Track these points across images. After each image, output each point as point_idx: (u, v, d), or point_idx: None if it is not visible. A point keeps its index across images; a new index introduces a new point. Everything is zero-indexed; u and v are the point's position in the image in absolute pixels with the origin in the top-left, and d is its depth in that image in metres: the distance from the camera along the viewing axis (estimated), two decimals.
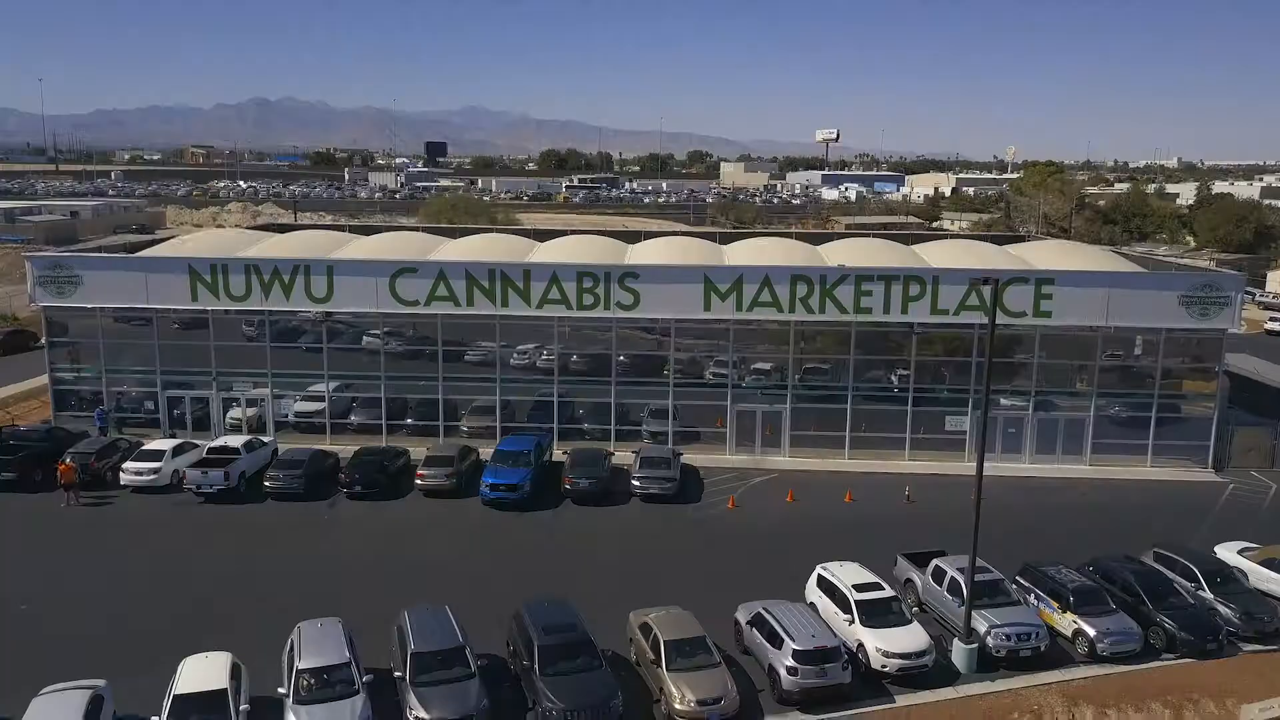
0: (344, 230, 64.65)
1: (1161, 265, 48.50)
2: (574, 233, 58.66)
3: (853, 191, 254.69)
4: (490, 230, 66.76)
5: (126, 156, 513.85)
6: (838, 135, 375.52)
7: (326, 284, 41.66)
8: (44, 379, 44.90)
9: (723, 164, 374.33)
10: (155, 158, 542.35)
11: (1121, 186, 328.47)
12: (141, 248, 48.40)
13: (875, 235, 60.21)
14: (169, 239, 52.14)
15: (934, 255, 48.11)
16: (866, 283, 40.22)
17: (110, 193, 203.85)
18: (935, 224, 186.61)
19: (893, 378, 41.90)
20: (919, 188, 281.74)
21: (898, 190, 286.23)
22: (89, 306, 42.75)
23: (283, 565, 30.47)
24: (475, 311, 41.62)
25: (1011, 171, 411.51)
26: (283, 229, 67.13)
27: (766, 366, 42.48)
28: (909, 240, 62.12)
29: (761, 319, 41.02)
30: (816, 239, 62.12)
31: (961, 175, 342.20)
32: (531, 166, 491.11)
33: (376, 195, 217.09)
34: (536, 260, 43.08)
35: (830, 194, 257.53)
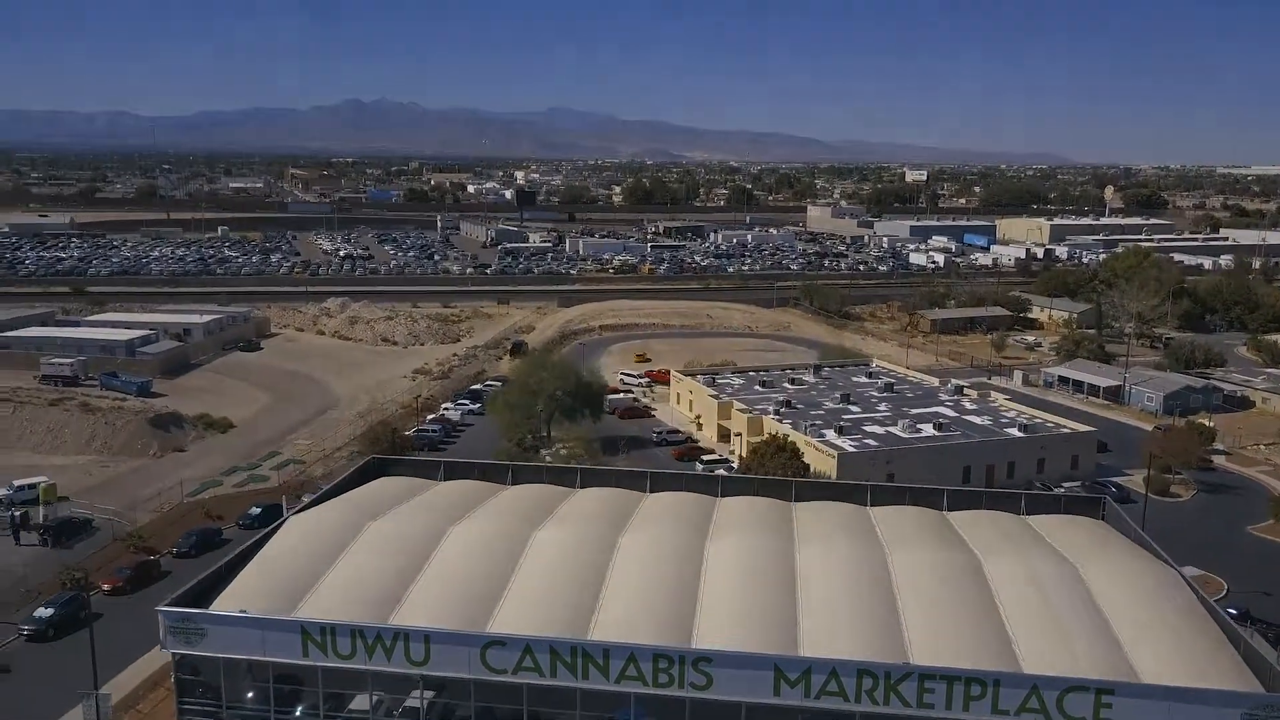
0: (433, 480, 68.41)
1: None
2: (662, 475, 60.67)
3: (941, 255, 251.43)
4: (582, 469, 69.83)
5: (231, 187, 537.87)
6: (928, 177, 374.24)
7: (424, 650, 45.24)
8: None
9: (809, 207, 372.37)
10: (258, 186, 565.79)
11: (1228, 235, 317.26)
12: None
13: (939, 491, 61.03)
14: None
15: (1000, 574, 49.49)
16: (929, 680, 41.99)
17: (217, 270, 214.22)
18: (1022, 314, 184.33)
19: None
20: (1010, 245, 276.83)
21: (988, 247, 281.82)
22: (214, 656, 47.22)
23: None
24: (557, 683, 44.68)
25: (1110, 214, 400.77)
26: (383, 465, 71.57)
27: None
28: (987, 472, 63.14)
29: (829, 707, 43.12)
30: (876, 494, 63.46)
31: (1057, 221, 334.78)
32: (618, 200, 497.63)
33: (468, 270, 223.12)
34: (612, 640, 45.26)
35: (918, 257, 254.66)
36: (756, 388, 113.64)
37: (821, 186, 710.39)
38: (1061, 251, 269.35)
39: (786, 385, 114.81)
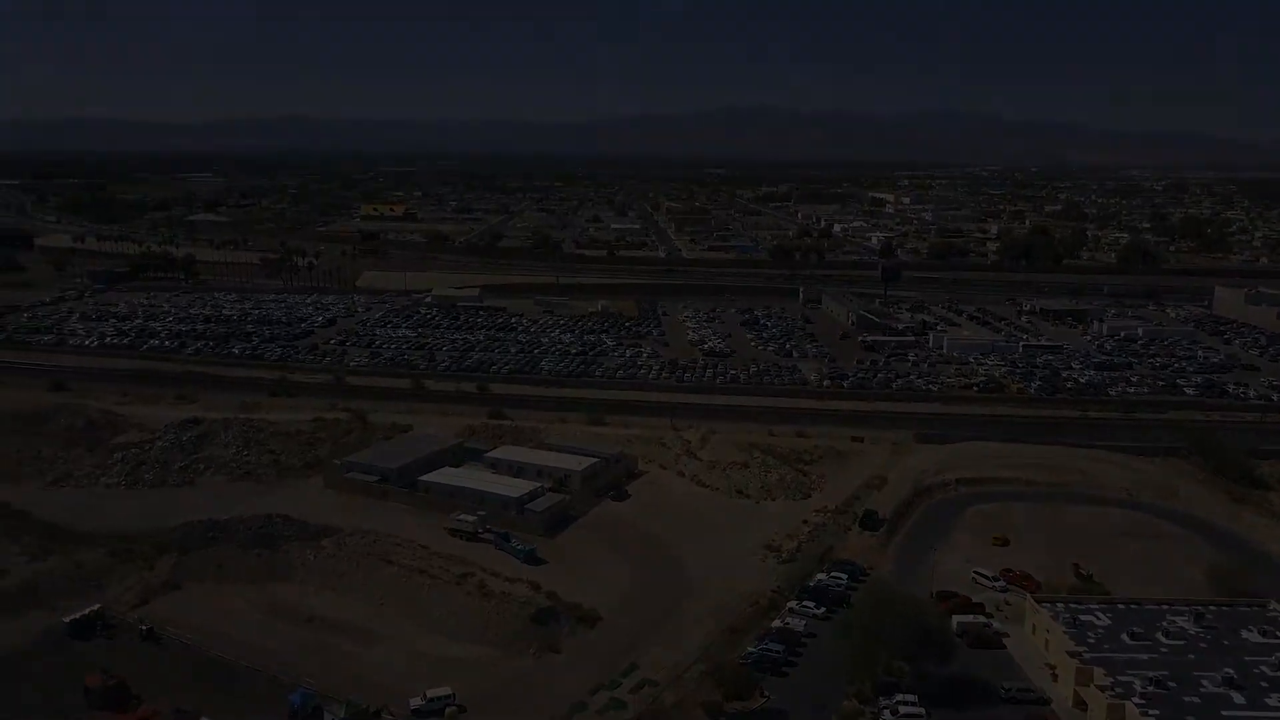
0: None
1: None
2: None
3: None
4: None
5: (614, 228, 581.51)
6: None
7: None
8: None
9: (1217, 288, 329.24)
10: (635, 228, 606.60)
11: None
12: None
13: None
14: None
15: None
16: None
17: (595, 370, 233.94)
18: None
19: None
20: None
21: None
22: None
23: None
24: None
25: None
26: None
27: None
28: None
29: None
30: None
31: None
32: (993, 248, 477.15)
33: (825, 381, 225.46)
34: None
35: None
36: (1124, 638, 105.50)
37: (1239, 229, 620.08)
38: None
39: (1161, 638, 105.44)
